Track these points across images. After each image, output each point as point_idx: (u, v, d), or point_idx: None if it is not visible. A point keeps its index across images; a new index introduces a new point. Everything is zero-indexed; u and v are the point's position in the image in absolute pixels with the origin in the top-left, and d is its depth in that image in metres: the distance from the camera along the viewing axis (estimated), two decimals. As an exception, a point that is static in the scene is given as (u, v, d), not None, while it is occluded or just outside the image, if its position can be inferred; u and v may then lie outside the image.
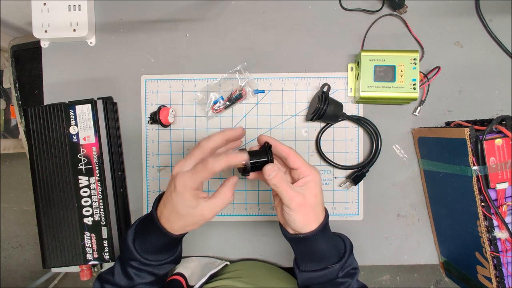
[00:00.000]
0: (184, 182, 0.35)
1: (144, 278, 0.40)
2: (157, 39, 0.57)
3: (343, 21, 0.56)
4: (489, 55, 0.54)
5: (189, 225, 0.37)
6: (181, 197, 0.35)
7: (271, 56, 0.56)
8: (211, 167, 0.34)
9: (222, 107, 0.55)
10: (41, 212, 0.51)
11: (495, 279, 0.42)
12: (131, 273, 0.40)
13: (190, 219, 0.36)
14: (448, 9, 0.55)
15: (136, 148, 0.57)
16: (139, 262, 0.39)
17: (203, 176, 0.35)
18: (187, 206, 0.36)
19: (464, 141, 0.41)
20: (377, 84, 0.50)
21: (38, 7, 0.55)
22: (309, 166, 0.38)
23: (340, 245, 0.41)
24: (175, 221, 0.37)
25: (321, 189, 0.38)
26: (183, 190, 0.35)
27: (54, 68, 0.58)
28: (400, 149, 0.55)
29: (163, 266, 0.41)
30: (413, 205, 0.56)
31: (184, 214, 0.36)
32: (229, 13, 0.57)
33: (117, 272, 0.41)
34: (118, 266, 0.41)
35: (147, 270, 0.40)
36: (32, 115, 0.50)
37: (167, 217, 0.37)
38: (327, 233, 0.39)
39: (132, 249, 0.39)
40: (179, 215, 0.36)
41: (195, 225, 0.38)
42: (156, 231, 0.38)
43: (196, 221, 0.37)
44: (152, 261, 0.39)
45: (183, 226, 0.37)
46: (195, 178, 0.35)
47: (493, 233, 0.41)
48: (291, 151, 0.38)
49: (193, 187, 0.35)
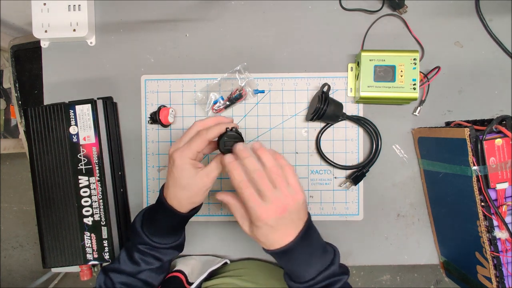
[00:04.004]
0: (181, 154, 0.37)
1: (149, 264, 0.42)
2: (157, 39, 0.57)
3: (343, 21, 0.56)
4: (489, 55, 0.54)
5: (193, 195, 0.39)
6: (181, 169, 0.38)
7: (271, 56, 0.56)
8: (205, 135, 0.38)
9: (222, 107, 0.55)
10: (41, 212, 0.51)
11: (495, 279, 0.42)
12: (137, 258, 0.42)
13: (192, 188, 0.38)
14: (448, 9, 0.55)
15: (136, 148, 0.57)
16: (146, 245, 0.41)
17: (198, 145, 0.38)
18: (187, 177, 0.38)
19: (464, 141, 0.41)
20: (377, 84, 0.50)
21: (38, 7, 0.55)
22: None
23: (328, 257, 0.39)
24: (180, 195, 0.39)
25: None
26: (181, 161, 0.37)
27: (54, 68, 0.58)
28: (400, 149, 0.55)
29: (168, 251, 0.43)
30: (413, 205, 0.56)
31: (186, 184, 0.38)
32: (229, 13, 0.57)
33: (123, 259, 0.43)
34: (124, 253, 0.43)
35: (153, 254, 0.42)
36: (32, 115, 0.50)
37: (172, 195, 0.39)
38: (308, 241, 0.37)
39: (141, 232, 0.41)
40: (182, 186, 0.38)
41: (198, 195, 0.39)
42: (164, 212, 0.40)
43: (198, 190, 0.39)
44: (159, 243, 0.41)
45: (188, 199, 0.39)
46: (191, 147, 0.37)
47: (493, 233, 0.41)
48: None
49: (191, 157, 0.38)
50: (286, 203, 0.34)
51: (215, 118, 0.41)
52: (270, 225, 0.34)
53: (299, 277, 0.37)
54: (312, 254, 0.37)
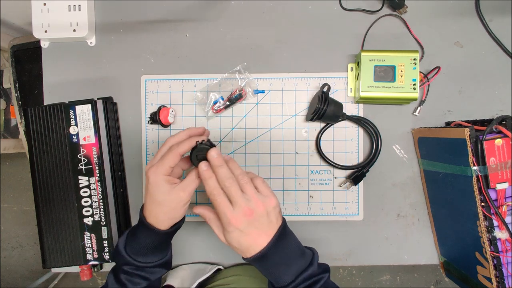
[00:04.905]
0: (155, 170, 0.38)
1: (136, 284, 0.41)
2: (157, 39, 0.57)
3: (343, 21, 0.56)
4: (489, 55, 0.54)
5: (170, 211, 0.39)
6: (156, 185, 0.38)
7: (271, 56, 0.56)
8: (176, 150, 0.38)
9: (222, 107, 0.55)
10: (41, 212, 0.51)
11: (495, 279, 0.42)
12: (124, 279, 0.41)
13: (169, 204, 0.39)
14: (448, 9, 0.55)
15: (136, 148, 0.57)
16: (131, 265, 0.41)
17: (170, 160, 0.38)
18: (162, 193, 0.38)
19: (464, 141, 0.41)
20: (377, 84, 0.50)
21: (38, 7, 0.55)
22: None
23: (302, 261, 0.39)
24: (157, 211, 0.39)
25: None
26: (155, 178, 0.38)
27: (54, 68, 0.58)
28: (400, 149, 0.55)
29: (155, 270, 0.42)
30: (413, 205, 0.56)
31: (162, 200, 0.38)
32: (229, 13, 0.57)
33: (111, 282, 0.42)
34: (111, 276, 0.43)
35: (139, 274, 0.41)
36: (32, 115, 0.50)
37: (150, 212, 0.39)
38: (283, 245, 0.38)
39: (123, 253, 0.41)
40: (158, 203, 0.38)
41: (176, 211, 0.39)
42: (145, 230, 0.40)
43: (175, 205, 0.39)
44: (143, 263, 0.41)
45: (166, 215, 0.39)
46: (164, 163, 0.38)
47: (493, 233, 0.41)
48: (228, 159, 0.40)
49: (165, 173, 0.38)
50: (254, 207, 0.36)
51: (187, 131, 0.42)
52: (240, 229, 0.36)
53: (279, 282, 0.38)
54: (289, 257, 0.38)
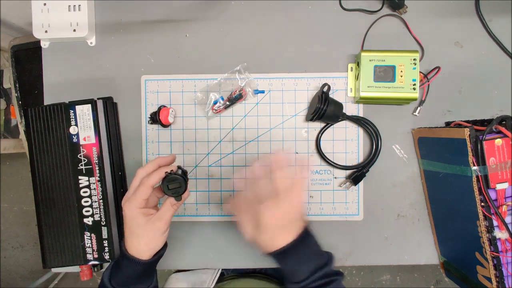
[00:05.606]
0: (129, 205, 0.40)
1: None
2: (157, 39, 0.57)
3: (343, 21, 0.56)
4: (489, 55, 0.54)
5: (150, 242, 0.40)
6: (132, 219, 0.40)
7: (271, 56, 0.56)
8: (146, 182, 0.39)
9: (222, 107, 0.55)
10: (41, 212, 0.51)
11: (495, 279, 0.42)
12: None
13: (147, 235, 0.40)
14: (448, 9, 0.55)
15: (136, 148, 0.57)
16: None
17: (142, 193, 0.39)
18: (139, 225, 0.40)
19: (464, 141, 0.41)
20: (377, 84, 0.50)
21: (38, 7, 0.55)
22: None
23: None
24: (136, 243, 0.40)
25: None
26: (130, 212, 0.40)
27: (54, 68, 0.58)
28: (400, 149, 0.55)
29: None
30: (413, 205, 0.56)
31: (140, 232, 0.40)
32: (229, 13, 0.57)
33: None
34: None
35: None
36: (32, 115, 0.50)
37: (131, 244, 0.41)
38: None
39: (108, 286, 0.42)
40: (137, 235, 0.40)
41: (155, 241, 0.41)
42: (127, 262, 0.41)
43: (153, 235, 0.40)
44: None
45: (145, 246, 0.40)
46: (136, 197, 0.39)
47: (493, 233, 0.41)
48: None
49: (139, 206, 0.40)
50: (291, 209, 0.39)
51: (155, 161, 0.42)
52: (277, 225, 0.38)
53: (296, 276, 0.39)
54: (310, 254, 0.39)
